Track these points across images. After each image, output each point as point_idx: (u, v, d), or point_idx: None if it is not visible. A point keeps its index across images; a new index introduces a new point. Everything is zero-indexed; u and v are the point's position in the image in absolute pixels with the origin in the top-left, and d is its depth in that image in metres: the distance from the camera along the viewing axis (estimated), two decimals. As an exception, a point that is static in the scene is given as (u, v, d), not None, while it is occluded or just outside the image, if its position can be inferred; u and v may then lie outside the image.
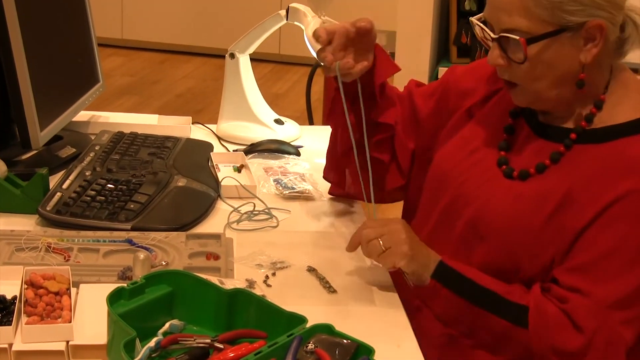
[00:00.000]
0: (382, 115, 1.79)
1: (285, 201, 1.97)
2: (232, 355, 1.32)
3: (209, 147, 2.23)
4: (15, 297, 1.47)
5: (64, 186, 1.90)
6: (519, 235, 1.57)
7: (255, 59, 2.36)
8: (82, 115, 2.33)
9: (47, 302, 1.45)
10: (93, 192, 1.87)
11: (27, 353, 1.38)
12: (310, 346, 1.33)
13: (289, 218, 1.90)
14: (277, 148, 2.22)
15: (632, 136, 1.56)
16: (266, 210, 1.90)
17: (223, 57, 2.37)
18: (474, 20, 1.61)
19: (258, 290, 1.57)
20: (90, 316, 1.45)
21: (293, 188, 2.00)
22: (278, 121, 2.35)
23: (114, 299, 1.37)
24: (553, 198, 1.56)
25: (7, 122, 2.08)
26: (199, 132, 2.35)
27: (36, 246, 1.67)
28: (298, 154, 2.22)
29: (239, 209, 1.91)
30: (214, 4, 6.25)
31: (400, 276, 1.62)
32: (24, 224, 1.80)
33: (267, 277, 1.66)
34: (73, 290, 1.51)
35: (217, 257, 1.68)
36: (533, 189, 1.59)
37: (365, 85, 1.74)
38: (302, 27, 2.19)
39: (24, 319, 1.42)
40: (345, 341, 1.35)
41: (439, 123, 1.79)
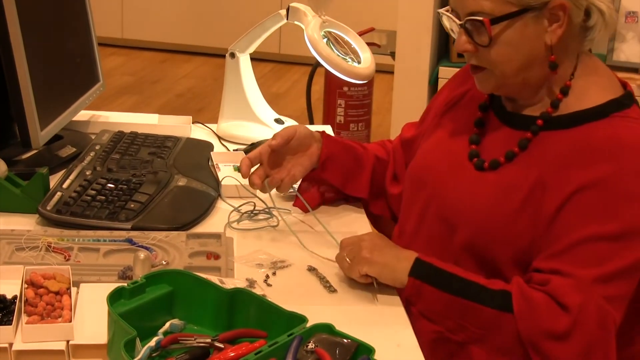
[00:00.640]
0: (353, 191, 1.93)
1: (285, 201, 1.97)
2: (233, 354, 1.32)
3: (209, 146, 2.23)
4: (15, 297, 1.47)
5: (64, 186, 1.90)
6: (494, 224, 1.59)
7: (255, 59, 2.36)
8: (83, 115, 2.33)
9: (48, 301, 1.45)
10: (93, 192, 1.87)
11: (27, 352, 1.38)
12: (311, 346, 1.33)
13: (289, 217, 1.89)
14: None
15: (598, 121, 1.57)
16: (266, 210, 1.90)
17: (223, 56, 2.37)
18: (441, 11, 1.64)
19: (258, 290, 1.57)
20: (91, 316, 1.45)
21: (293, 187, 1.99)
22: (278, 121, 2.35)
23: (114, 298, 1.37)
24: (524, 185, 1.58)
25: (7, 122, 2.08)
26: (199, 132, 2.35)
27: (36, 246, 1.67)
28: (298, 153, 2.22)
29: (239, 208, 1.91)
30: (214, 3, 6.26)
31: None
32: (24, 223, 1.80)
33: (267, 276, 1.66)
34: (73, 289, 1.50)
35: (217, 257, 1.68)
36: (504, 178, 1.61)
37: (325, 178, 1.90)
38: (303, 26, 2.19)
39: (24, 318, 1.42)
40: (345, 341, 1.35)
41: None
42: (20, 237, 1.70)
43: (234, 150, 2.24)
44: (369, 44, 2.25)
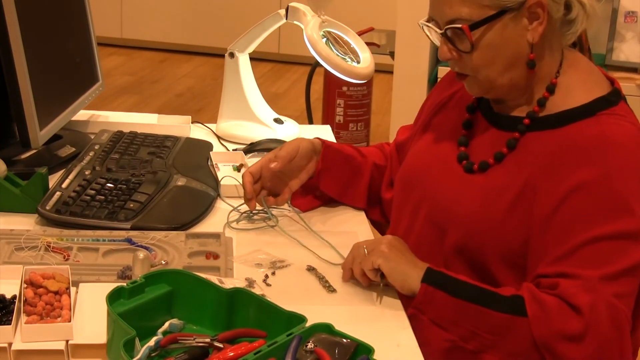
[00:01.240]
0: (350, 201, 1.94)
1: (284, 200, 1.97)
2: (232, 354, 1.32)
3: (209, 146, 2.23)
4: (14, 297, 1.47)
5: (64, 185, 1.90)
6: (484, 227, 1.59)
7: (254, 58, 2.36)
8: (82, 115, 2.33)
9: (47, 301, 1.45)
10: (92, 192, 1.87)
11: (26, 352, 1.38)
12: (310, 345, 1.33)
13: (288, 217, 1.89)
14: (276, 147, 2.22)
15: (584, 120, 1.57)
16: (265, 210, 1.90)
17: (222, 56, 2.37)
18: (420, 22, 1.64)
19: (257, 290, 1.57)
20: (90, 315, 1.45)
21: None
22: (277, 120, 2.35)
23: (113, 298, 1.37)
24: (514, 187, 1.58)
25: (6, 121, 2.08)
26: (198, 132, 2.35)
27: (36, 245, 1.67)
28: (297, 153, 2.22)
29: (238, 208, 1.91)
30: (214, 3, 6.26)
31: None
32: (23, 223, 1.80)
33: (266, 276, 1.66)
34: (72, 289, 1.50)
35: (216, 257, 1.68)
36: (493, 180, 1.61)
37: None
38: (302, 26, 2.19)
39: (23, 318, 1.42)
40: (344, 340, 1.35)
41: None
42: (19, 237, 1.70)
43: (233, 150, 2.24)
44: (368, 43, 2.25)
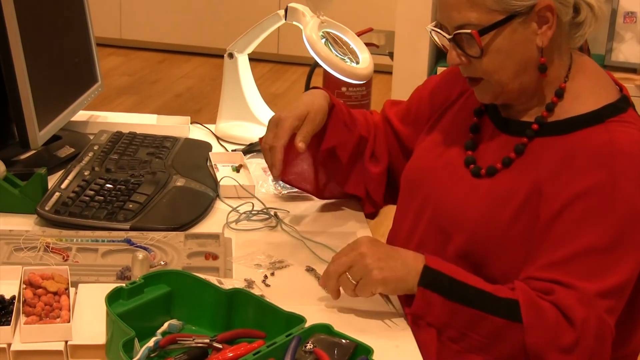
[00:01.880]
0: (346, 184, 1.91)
1: (283, 201, 1.97)
2: (231, 355, 1.32)
3: (208, 147, 2.23)
4: (13, 297, 1.47)
5: (63, 186, 1.90)
6: (489, 232, 1.58)
7: (253, 59, 2.37)
8: (81, 115, 2.33)
9: (46, 302, 1.45)
10: (92, 192, 1.87)
11: (25, 353, 1.38)
12: (309, 346, 1.33)
13: (287, 218, 1.89)
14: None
15: (593, 126, 1.57)
16: (265, 210, 1.90)
17: (222, 56, 2.37)
18: (429, 27, 1.63)
19: (257, 290, 1.57)
20: (89, 316, 1.45)
21: (291, 188, 1.99)
22: (277, 121, 2.35)
23: (112, 298, 1.37)
24: (521, 192, 1.57)
25: (5, 122, 2.08)
26: (197, 132, 2.35)
27: (35, 246, 1.67)
28: (297, 153, 2.22)
29: (237, 208, 1.91)
30: (213, 3, 6.26)
31: None
32: (22, 223, 1.80)
33: (265, 276, 1.66)
34: (72, 290, 1.50)
35: (215, 257, 1.68)
36: (501, 184, 1.60)
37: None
38: (301, 26, 2.19)
39: (22, 318, 1.42)
40: (344, 341, 1.35)
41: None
42: (18, 238, 1.70)
43: (232, 150, 2.24)
44: (367, 44, 2.25)
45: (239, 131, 2.31)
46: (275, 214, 1.88)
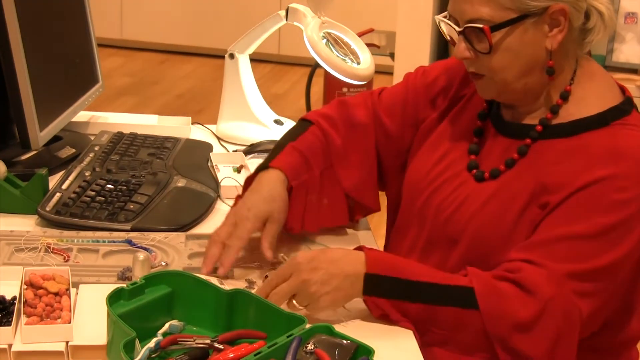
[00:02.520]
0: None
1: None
2: (232, 355, 1.32)
3: (209, 147, 2.23)
4: (14, 298, 1.47)
5: (64, 187, 1.90)
6: (493, 236, 1.58)
7: (254, 60, 2.36)
8: (82, 116, 2.33)
9: (47, 302, 1.45)
10: (92, 193, 1.87)
11: (26, 354, 1.38)
12: (310, 347, 1.33)
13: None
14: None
15: (597, 129, 1.56)
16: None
17: (222, 57, 2.37)
18: (438, 17, 1.62)
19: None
20: (90, 317, 1.45)
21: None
22: (277, 122, 2.35)
23: (113, 299, 1.37)
24: (524, 193, 1.57)
25: (6, 123, 2.08)
26: (198, 133, 2.35)
27: (36, 247, 1.67)
28: (297, 154, 2.22)
29: (238, 209, 1.90)
30: (214, 4, 6.26)
31: None
32: (23, 224, 1.80)
33: (266, 277, 1.65)
34: (72, 290, 1.50)
35: (216, 258, 1.68)
36: (505, 186, 1.60)
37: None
38: (302, 27, 2.19)
39: (23, 319, 1.42)
40: (344, 342, 1.35)
41: (410, 135, 1.80)
42: (19, 238, 1.70)
43: (233, 151, 2.24)
44: (368, 44, 2.25)
45: (240, 132, 2.31)
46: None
